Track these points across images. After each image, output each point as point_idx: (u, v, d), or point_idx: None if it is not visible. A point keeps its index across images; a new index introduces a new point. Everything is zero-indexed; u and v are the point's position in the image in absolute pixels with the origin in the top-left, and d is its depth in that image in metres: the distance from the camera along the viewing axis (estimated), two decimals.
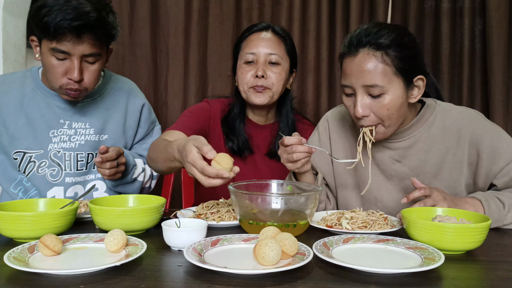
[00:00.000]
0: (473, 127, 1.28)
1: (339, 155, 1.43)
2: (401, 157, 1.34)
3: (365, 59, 1.18)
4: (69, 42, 1.33)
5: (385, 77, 1.17)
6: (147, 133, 1.70)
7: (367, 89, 1.19)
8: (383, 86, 1.17)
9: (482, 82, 2.19)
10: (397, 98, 1.19)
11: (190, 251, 0.89)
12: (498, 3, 2.09)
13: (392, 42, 1.18)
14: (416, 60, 1.22)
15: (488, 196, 1.21)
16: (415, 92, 1.24)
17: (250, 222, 1.09)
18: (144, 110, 1.67)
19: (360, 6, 2.22)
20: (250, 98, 1.55)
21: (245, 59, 1.55)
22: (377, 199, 1.38)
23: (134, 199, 1.26)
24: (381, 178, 1.37)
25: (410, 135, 1.32)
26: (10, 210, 1.10)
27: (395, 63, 1.17)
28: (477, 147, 1.27)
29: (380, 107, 1.20)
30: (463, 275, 0.87)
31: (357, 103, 1.21)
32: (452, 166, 1.31)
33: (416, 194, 1.17)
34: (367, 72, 1.17)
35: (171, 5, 2.29)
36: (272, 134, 1.64)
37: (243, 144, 1.59)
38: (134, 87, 1.70)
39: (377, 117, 1.22)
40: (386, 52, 1.17)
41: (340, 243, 0.99)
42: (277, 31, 1.59)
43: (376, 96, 1.19)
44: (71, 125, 1.53)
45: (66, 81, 1.39)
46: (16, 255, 0.86)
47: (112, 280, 0.80)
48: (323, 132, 1.48)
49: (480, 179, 1.29)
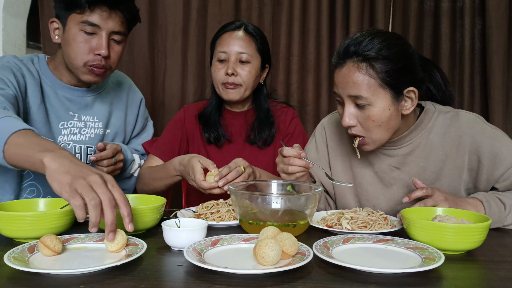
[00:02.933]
0: (473, 133, 1.26)
1: (337, 162, 1.43)
2: (400, 164, 1.33)
3: (349, 71, 1.17)
4: (102, 15, 1.36)
5: (370, 89, 1.15)
6: (142, 129, 1.72)
7: (353, 99, 1.18)
8: (367, 98, 1.16)
9: (481, 82, 2.20)
10: (382, 111, 1.17)
11: (190, 251, 0.89)
12: (498, 3, 2.09)
13: (378, 55, 1.14)
14: (406, 72, 1.17)
15: (489, 197, 1.21)
16: (407, 104, 1.21)
17: (250, 222, 1.09)
18: (142, 105, 1.71)
19: (360, 6, 2.22)
20: (223, 94, 1.64)
21: (217, 57, 1.62)
22: (376, 207, 1.37)
23: (134, 199, 1.26)
24: (380, 186, 1.37)
25: (409, 142, 1.31)
26: (10, 210, 1.10)
27: (381, 76, 1.15)
28: (478, 154, 1.26)
29: (365, 118, 1.19)
30: (463, 275, 0.87)
31: (344, 112, 1.21)
32: (451, 172, 1.30)
33: (418, 194, 1.17)
34: (351, 83, 1.16)
35: (169, 4, 2.29)
36: (247, 120, 1.71)
37: (219, 134, 1.67)
38: (132, 82, 1.73)
39: (363, 128, 1.21)
40: (371, 64, 1.14)
41: (340, 243, 0.99)
42: (249, 30, 1.64)
43: (362, 107, 1.18)
44: (80, 117, 1.52)
45: (92, 57, 1.39)
46: (16, 255, 0.86)
47: (112, 280, 0.79)
48: (320, 140, 1.48)
49: (481, 184, 1.28)
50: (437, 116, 1.31)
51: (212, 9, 2.29)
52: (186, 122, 1.72)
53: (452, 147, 1.29)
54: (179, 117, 1.74)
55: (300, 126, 1.74)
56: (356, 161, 1.38)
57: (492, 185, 1.28)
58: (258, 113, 1.71)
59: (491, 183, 1.27)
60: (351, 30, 2.22)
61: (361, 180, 1.38)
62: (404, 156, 1.32)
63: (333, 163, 1.44)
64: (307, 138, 1.73)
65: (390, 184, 1.35)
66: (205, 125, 1.68)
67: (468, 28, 2.17)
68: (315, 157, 1.46)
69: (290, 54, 2.27)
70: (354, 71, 1.16)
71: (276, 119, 1.71)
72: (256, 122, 1.68)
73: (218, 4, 2.29)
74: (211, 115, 1.69)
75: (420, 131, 1.30)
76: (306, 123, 2.27)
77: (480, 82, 2.20)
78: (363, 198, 1.39)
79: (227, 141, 1.68)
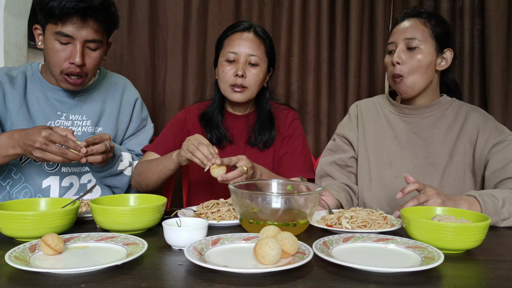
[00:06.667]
0: (478, 113, 1.53)
1: (369, 135, 1.63)
2: (418, 129, 1.55)
3: (411, 22, 1.51)
4: (74, 26, 1.38)
5: (423, 35, 1.48)
6: (138, 129, 1.72)
7: (407, 41, 1.48)
8: (420, 40, 1.47)
9: (480, 82, 2.20)
10: (427, 55, 1.47)
11: (191, 250, 0.89)
12: (497, 3, 2.10)
13: (433, 15, 1.52)
14: (448, 36, 1.52)
15: (482, 193, 1.26)
16: (443, 62, 1.52)
17: (250, 221, 1.10)
18: (137, 104, 1.71)
19: (360, 6, 2.23)
20: (229, 95, 1.63)
21: (226, 57, 1.61)
22: (392, 164, 1.55)
23: (135, 198, 1.26)
24: (398, 147, 1.56)
25: (428, 113, 1.55)
26: (11, 209, 1.10)
27: (432, 28, 1.49)
28: (478, 128, 1.48)
29: (413, 58, 1.47)
30: (462, 274, 0.87)
31: (397, 51, 1.49)
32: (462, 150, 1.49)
33: (411, 187, 1.19)
34: (410, 29, 1.49)
35: (170, 4, 2.29)
36: (249, 123, 1.71)
37: (221, 135, 1.66)
38: (129, 83, 1.74)
39: (407, 67, 1.47)
40: (428, 19, 1.50)
41: (340, 242, 0.99)
42: (258, 32, 1.64)
43: (412, 49, 1.47)
44: (68, 117, 1.56)
45: (68, 65, 1.44)
46: (17, 254, 0.87)
47: (113, 279, 0.80)
48: (353, 116, 1.69)
49: (477, 153, 1.46)
50: (453, 102, 1.57)
51: (212, 10, 2.30)
52: (188, 122, 1.72)
53: (461, 123, 1.51)
54: (180, 117, 1.74)
55: (300, 128, 1.75)
56: (379, 128, 1.62)
57: (486, 152, 1.44)
58: (259, 115, 1.70)
59: (486, 150, 1.44)
60: (351, 30, 2.23)
61: (382, 142, 1.59)
62: (422, 123, 1.55)
63: (361, 129, 1.64)
64: (306, 141, 1.74)
65: (406, 145, 1.55)
66: (208, 125, 1.68)
67: (467, 28, 2.17)
68: (348, 124, 1.68)
69: (290, 54, 2.28)
70: (415, 22, 1.50)
71: (277, 120, 1.71)
72: (257, 124, 1.68)
73: (218, 4, 2.29)
74: (213, 115, 1.69)
75: (438, 107, 1.55)
76: (306, 123, 2.27)
77: (479, 82, 2.20)
78: (382, 158, 1.57)
79: (228, 143, 1.68)
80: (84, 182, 1.59)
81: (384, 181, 1.54)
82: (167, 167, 1.45)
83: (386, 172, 1.54)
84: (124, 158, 1.57)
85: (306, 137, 1.76)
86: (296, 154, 1.68)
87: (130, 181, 1.62)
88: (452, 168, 1.48)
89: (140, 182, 1.56)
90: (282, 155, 1.69)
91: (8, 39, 2.10)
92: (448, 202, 1.18)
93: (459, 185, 1.46)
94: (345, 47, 2.27)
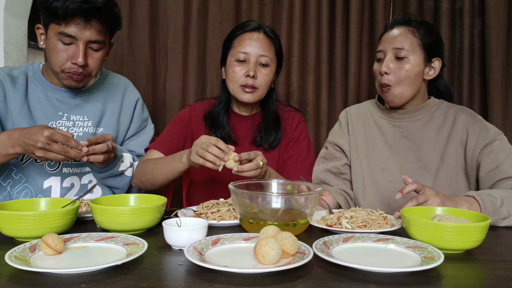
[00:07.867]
0: (466, 114, 1.53)
1: (360, 141, 1.63)
2: (408, 133, 1.56)
3: (400, 31, 1.51)
4: (77, 26, 1.38)
5: (411, 45, 1.48)
6: (139, 130, 1.72)
7: (395, 51, 1.48)
8: (408, 50, 1.47)
9: (480, 82, 2.20)
10: (415, 65, 1.47)
11: (191, 250, 0.89)
12: (497, 3, 2.10)
13: (422, 24, 1.51)
14: (437, 45, 1.52)
15: (480, 193, 1.26)
16: (431, 72, 1.52)
17: (250, 221, 1.10)
18: (138, 105, 1.70)
19: (360, 6, 2.23)
20: (239, 96, 1.62)
21: (236, 58, 1.60)
22: (384, 169, 1.55)
23: (135, 198, 1.26)
24: (389, 152, 1.57)
25: (417, 116, 1.56)
26: (11, 209, 1.10)
27: (421, 38, 1.48)
28: (468, 129, 1.49)
29: (401, 68, 1.47)
30: (462, 274, 0.87)
31: (385, 61, 1.49)
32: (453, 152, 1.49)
33: (409, 188, 1.19)
34: (399, 38, 1.49)
35: (170, 4, 2.29)
36: (254, 124, 1.70)
37: (226, 135, 1.65)
38: (130, 83, 1.74)
39: (395, 77, 1.47)
40: (417, 28, 1.49)
41: (340, 242, 0.99)
42: (268, 33, 1.64)
43: (400, 59, 1.47)
44: (69, 117, 1.56)
45: (70, 65, 1.44)
46: (17, 254, 0.87)
47: (113, 279, 0.80)
48: (344, 123, 1.70)
49: (468, 155, 1.47)
50: (441, 103, 1.58)
51: (212, 10, 2.30)
52: (192, 121, 1.70)
53: (450, 126, 1.52)
54: (185, 115, 1.72)
55: (305, 131, 1.74)
56: (370, 134, 1.62)
57: (478, 152, 1.44)
58: (265, 116, 1.70)
59: (477, 151, 1.44)
60: (351, 30, 2.23)
61: (373, 147, 1.59)
62: (411, 127, 1.56)
63: (352, 136, 1.64)
64: (311, 144, 1.74)
65: (397, 150, 1.56)
66: (213, 126, 1.67)
67: (467, 28, 2.17)
68: (339, 131, 1.68)
69: (290, 55, 2.28)
70: (404, 31, 1.50)
71: (283, 122, 1.71)
72: (263, 125, 1.68)
73: (218, 4, 2.30)
74: (219, 116, 1.67)
75: (427, 110, 1.56)
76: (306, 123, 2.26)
77: (479, 82, 2.20)
78: (374, 163, 1.57)
79: (233, 143, 1.66)
80: (85, 182, 1.59)
81: (378, 187, 1.54)
82: (176, 169, 1.44)
83: (379, 178, 1.55)
84: (125, 159, 1.57)
85: (311, 141, 1.76)
86: (301, 159, 1.67)
87: (131, 181, 1.62)
88: (444, 170, 1.48)
89: (144, 182, 1.54)
90: (286, 158, 1.68)
91: (8, 39, 2.10)
92: (447, 202, 1.18)
93: (453, 188, 1.47)
94: (345, 47, 2.28)
